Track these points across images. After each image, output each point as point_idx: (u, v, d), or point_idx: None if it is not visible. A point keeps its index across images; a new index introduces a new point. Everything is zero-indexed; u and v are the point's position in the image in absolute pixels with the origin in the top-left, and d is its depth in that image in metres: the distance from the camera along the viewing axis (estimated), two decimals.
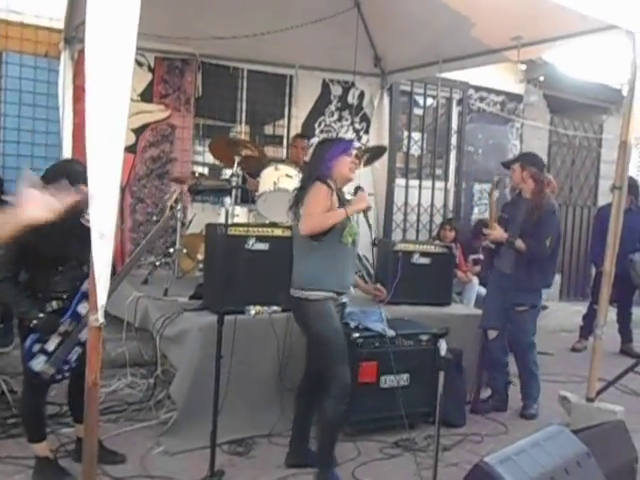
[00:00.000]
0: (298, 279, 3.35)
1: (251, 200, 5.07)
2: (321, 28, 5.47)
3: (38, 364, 3.05)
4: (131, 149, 6.04)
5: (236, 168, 5.06)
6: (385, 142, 6.98)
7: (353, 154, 3.47)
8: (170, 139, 6.38)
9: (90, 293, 2.51)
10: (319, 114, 7.16)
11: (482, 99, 8.32)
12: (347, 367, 3.31)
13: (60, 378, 3.17)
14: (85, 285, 3.08)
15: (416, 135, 8.06)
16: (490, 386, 4.79)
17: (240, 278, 3.79)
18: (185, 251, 5.35)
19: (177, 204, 5.04)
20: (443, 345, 3.04)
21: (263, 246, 4.04)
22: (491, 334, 4.70)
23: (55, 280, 3.13)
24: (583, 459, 2.76)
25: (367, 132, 7.35)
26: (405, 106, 7.88)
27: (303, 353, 3.60)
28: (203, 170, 6.48)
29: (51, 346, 3.07)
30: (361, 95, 7.25)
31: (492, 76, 7.99)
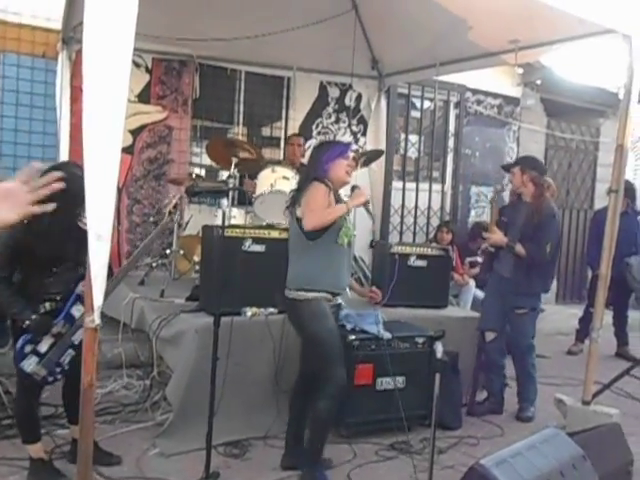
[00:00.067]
0: (293, 279, 3.36)
1: (248, 202, 5.07)
2: (319, 30, 5.47)
3: (30, 365, 3.04)
4: (128, 150, 6.03)
5: (233, 170, 5.06)
6: (382, 144, 6.99)
7: (350, 157, 3.48)
8: (167, 140, 6.37)
9: (86, 294, 2.50)
10: (316, 116, 7.16)
11: (479, 102, 8.33)
12: (343, 368, 3.31)
13: (52, 380, 3.16)
14: (79, 287, 3.08)
15: (413, 138, 8.06)
16: (486, 388, 4.80)
17: (236, 280, 3.79)
18: (182, 252, 5.35)
19: (176, 210, 5.04)
20: (439, 347, 3.05)
21: (260, 248, 4.04)
22: (489, 336, 4.70)
23: (49, 281, 3.13)
24: (579, 462, 2.77)
25: (364, 134, 7.35)
26: (402, 109, 7.88)
27: (299, 355, 3.60)
28: (200, 171, 6.47)
29: (43, 347, 3.06)
30: (358, 97, 7.26)
31: (489, 79, 8.01)
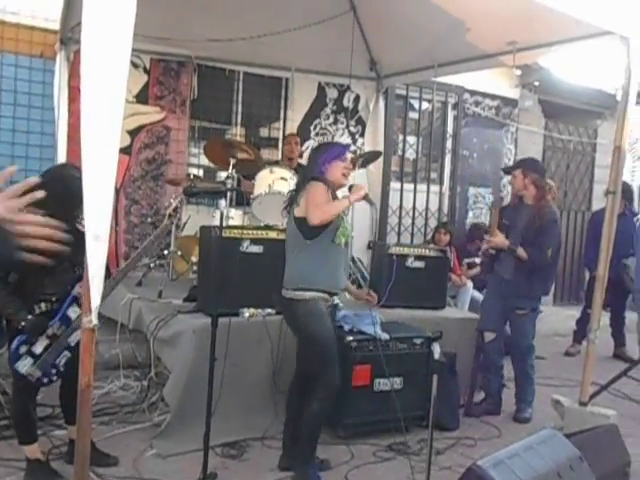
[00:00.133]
0: (290, 279, 3.37)
1: (246, 202, 5.07)
2: (317, 31, 5.47)
3: (24, 366, 3.04)
4: (126, 151, 6.03)
5: (231, 170, 5.06)
6: (380, 145, 7.00)
7: (348, 159, 3.48)
8: (165, 141, 6.37)
9: (83, 295, 2.50)
10: (315, 117, 7.16)
11: (477, 103, 8.33)
12: (336, 368, 3.32)
13: (47, 381, 3.15)
14: (76, 289, 3.07)
15: (411, 139, 8.06)
16: (484, 389, 4.80)
17: (234, 280, 3.78)
18: (179, 253, 5.34)
19: (176, 213, 5.04)
20: (437, 348, 3.05)
21: (257, 249, 4.04)
22: (488, 336, 4.70)
23: (45, 282, 3.12)
24: (576, 463, 2.77)
25: (362, 135, 7.36)
26: (400, 110, 7.88)
27: (296, 355, 3.60)
28: (198, 172, 6.47)
29: (39, 349, 3.06)
30: (357, 98, 7.26)
31: (487, 81, 8.02)
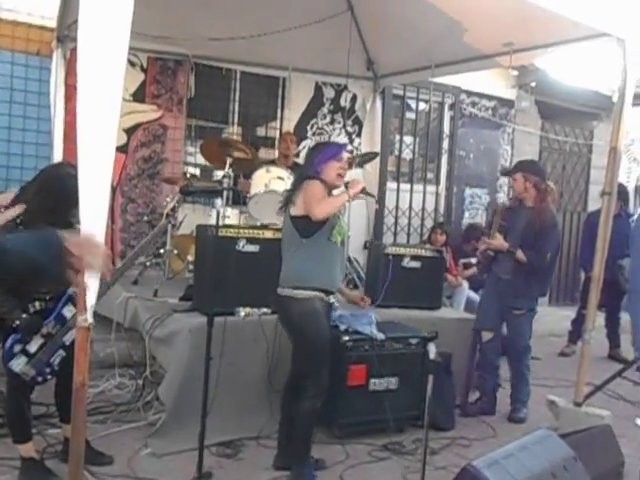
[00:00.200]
0: (286, 277, 3.36)
1: (242, 202, 5.07)
2: (314, 31, 5.47)
3: (18, 365, 3.02)
4: (122, 149, 6.02)
5: (228, 169, 5.06)
6: (377, 145, 7.00)
7: (343, 159, 3.47)
8: (162, 139, 6.36)
9: (79, 293, 2.49)
10: (312, 116, 7.16)
11: (474, 104, 8.34)
12: (327, 368, 3.32)
13: (42, 380, 3.14)
14: (71, 288, 3.06)
15: (408, 139, 8.07)
16: (479, 388, 4.81)
17: (230, 280, 3.78)
18: (175, 252, 5.34)
19: (174, 212, 5.04)
20: (432, 348, 3.05)
21: (254, 248, 4.04)
22: (486, 336, 4.71)
23: None
24: (570, 463, 2.78)
25: (359, 135, 7.36)
26: (397, 110, 7.89)
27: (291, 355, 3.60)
28: (195, 171, 6.46)
29: (33, 347, 3.05)
30: (354, 98, 7.26)
31: (484, 81, 8.03)
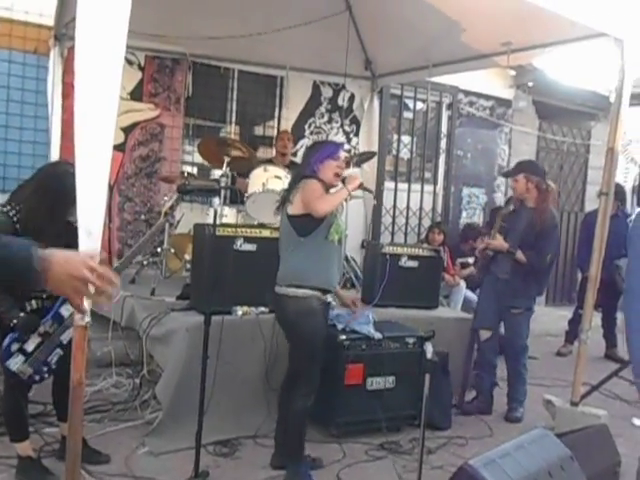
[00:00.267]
0: (283, 276, 3.36)
1: (240, 201, 5.06)
2: (312, 30, 5.48)
3: (16, 364, 3.02)
4: (120, 148, 6.00)
5: (225, 168, 5.05)
6: (375, 145, 7.00)
7: (341, 158, 3.46)
8: (159, 138, 6.35)
9: None
10: (309, 115, 7.15)
11: (472, 104, 8.35)
12: (319, 367, 3.33)
13: (39, 379, 3.14)
14: None
15: (406, 138, 8.07)
16: (475, 387, 4.82)
17: (227, 279, 3.78)
18: (173, 251, 5.33)
19: (171, 211, 5.05)
20: (429, 348, 3.06)
21: (251, 247, 4.04)
22: (484, 334, 4.73)
23: None
24: (566, 463, 2.78)
25: (357, 134, 7.36)
26: (395, 109, 7.89)
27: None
28: (192, 170, 6.44)
29: (30, 346, 3.04)
30: (351, 98, 7.26)
31: (482, 81, 8.03)
